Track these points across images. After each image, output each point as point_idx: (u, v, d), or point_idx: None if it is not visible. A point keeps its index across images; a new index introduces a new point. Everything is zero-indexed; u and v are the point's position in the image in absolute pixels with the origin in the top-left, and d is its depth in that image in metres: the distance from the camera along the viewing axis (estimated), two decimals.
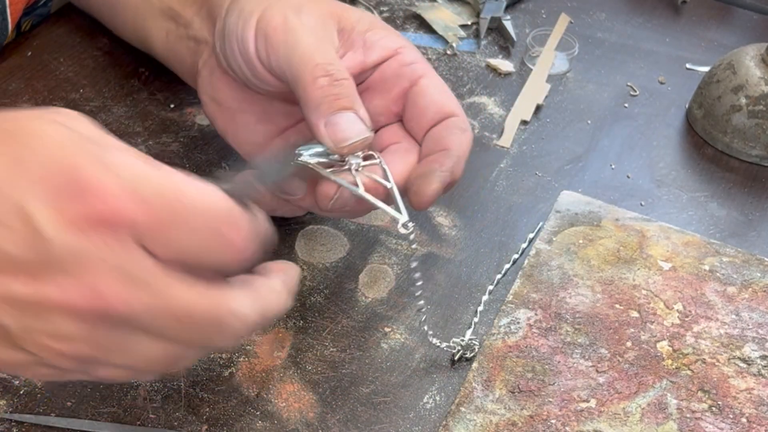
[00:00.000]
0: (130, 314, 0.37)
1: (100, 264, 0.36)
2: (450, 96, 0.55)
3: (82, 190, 0.36)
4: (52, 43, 0.74)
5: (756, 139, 0.69)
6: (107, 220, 0.36)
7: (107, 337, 0.38)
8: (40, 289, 0.37)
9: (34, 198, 0.36)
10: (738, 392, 0.54)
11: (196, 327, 0.39)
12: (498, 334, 0.56)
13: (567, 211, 0.64)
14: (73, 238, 0.36)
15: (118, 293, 0.37)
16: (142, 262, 0.37)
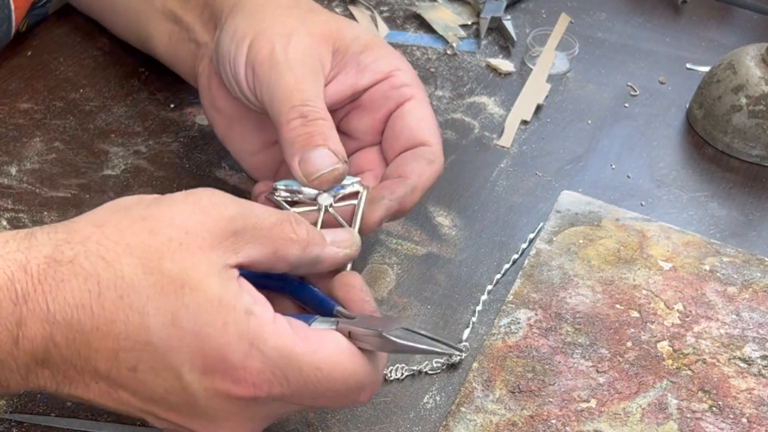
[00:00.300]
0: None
1: (235, 416, 0.42)
2: (429, 124, 0.54)
3: (231, 370, 0.41)
4: (52, 43, 0.74)
5: (756, 139, 0.69)
6: (250, 398, 0.42)
7: None
8: (184, 420, 0.43)
9: (188, 364, 0.41)
10: (738, 392, 0.54)
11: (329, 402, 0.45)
12: (498, 334, 0.56)
13: (567, 211, 0.64)
14: (218, 401, 0.42)
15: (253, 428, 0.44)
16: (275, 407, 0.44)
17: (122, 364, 0.41)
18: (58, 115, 0.68)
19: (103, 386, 0.42)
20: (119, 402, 0.42)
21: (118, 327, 0.40)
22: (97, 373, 0.41)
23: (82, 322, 0.40)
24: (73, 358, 0.41)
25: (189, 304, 0.40)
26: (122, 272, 0.40)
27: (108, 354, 0.41)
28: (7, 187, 0.62)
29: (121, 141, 0.67)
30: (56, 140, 0.66)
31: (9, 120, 0.67)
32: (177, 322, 0.40)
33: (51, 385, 0.42)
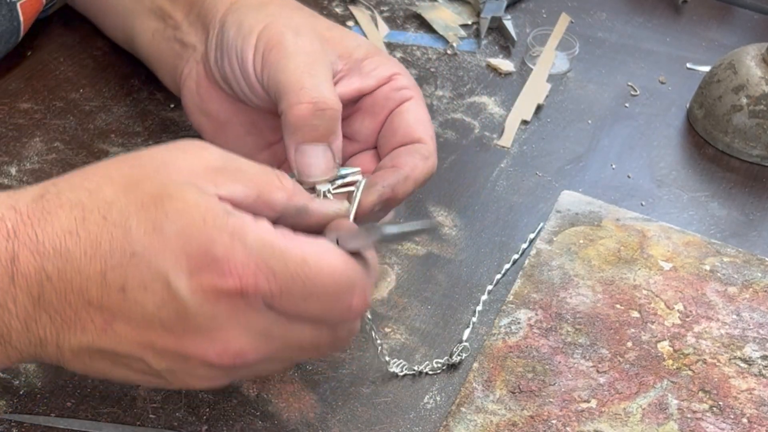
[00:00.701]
0: (259, 360, 0.43)
1: (230, 325, 0.42)
2: (426, 124, 0.55)
3: (215, 263, 0.41)
4: (52, 43, 0.74)
5: (757, 139, 0.69)
6: (237, 291, 0.41)
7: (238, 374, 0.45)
8: (178, 343, 0.42)
9: (173, 267, 0.41)
10: (739, 392, 0.54)
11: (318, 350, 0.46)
12: (498, 334, 0.56)
13: (567, 211, 0.64)
14: (207, 304, 0.41)
15: (249, 348, 0.43)
16: (269, 320, 0.43)
17: (112, 286, 0.41)
18: (58, 115, 0.68)
19: (98, 320, 0.42)
20: (116, 338, 0.42)
21: (103, 247, 0.41)
22: (91, 304, 0.42)
23: (70, 249, 0.41)
24: (66, 291, 0.42)
25: (169, 212, 0.41)
26: (104, 197, 0.42)
27: (98, 278, 0.41)
28: (7, 187, 0.62)
29: (121, 141, 0.67)
30: (56, 140, 0.66)
31: (9, 120, 0.67)
32: (158, 228, 0.41)
33: (51, 333, 0.43)
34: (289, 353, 0.45)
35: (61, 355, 0.43)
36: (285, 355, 0.45)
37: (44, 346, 0.43)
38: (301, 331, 0.44)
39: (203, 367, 0.43)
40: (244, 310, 0.42)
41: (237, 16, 0.55)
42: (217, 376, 0.44)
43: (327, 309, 0.43)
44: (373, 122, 0.56)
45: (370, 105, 0.56)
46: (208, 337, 0.42)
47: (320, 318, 0.44)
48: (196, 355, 0.42)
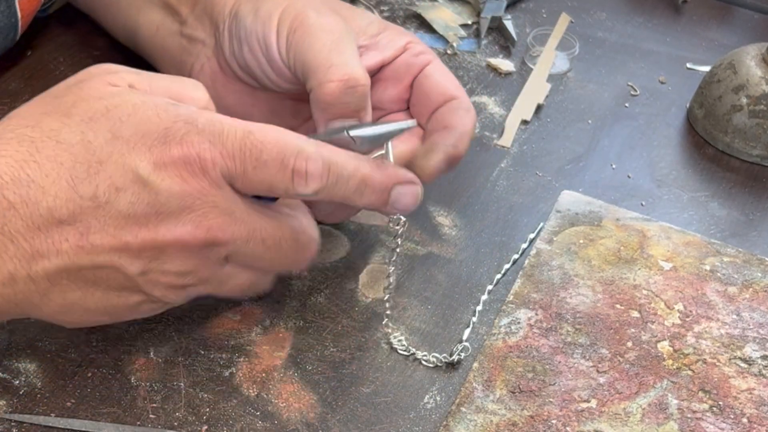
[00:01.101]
0: (228, 241, 0.45)
1: (199, 203, 0.44)
2: (453, 80, 0.57)
3: (173, 141, 0.43)
4: (51, 43, 0.74)
5: (757, 139, 0.69)
6: (197, 163, 0.43)
7: (209, 266, 0.46)
8: (153, 234, 0.44)
9: (140, 160, 0.43)
10: (739, 392, 0.54)
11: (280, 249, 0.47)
12: (498, 334, 0.56)
13: (567, 210, 0.64)
14: (174, 184, 0.43)
15: (218, 225, 0.44)
16: (231, 198, 0.45)
17: (83, 196, 0.43)
18: None
19: (73, 238, 0.43)
20: (92, 250, 0.43)
21: (66, 165, 0.43)
22: (62, 223, 0.42)
23: (30, 175, 0.42)
24: (33, 215, 0.42)
25: (121, 116, 0.43)
26: (49, 125, 0.44)
27: (66, 193, 0.42)
28: None
29: None
30: None
31: None
32: (117, 134, 0.43)
33: (21, 264, 0.43)
34: (254, 245, 0.46)
35: (35, 290, 0.44)
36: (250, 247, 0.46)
37: (15, 283, 0.43)
38: (263, 219, 0.46)
39: (177, 255, 0.45)
40: (209, 189, 0.44)
41: (251, 4, 0.55)
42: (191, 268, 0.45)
43: (273, 176, 0.45)
44: (396, 89, 0.57)
45: (391, 73, 0.57)
46: (180, 219, 0.44)
47: (270, 188, 0.45)
48: (170, 241, 0.44)
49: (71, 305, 0.45)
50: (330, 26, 0.53)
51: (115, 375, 0.52)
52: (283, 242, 0.47)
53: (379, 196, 0.48)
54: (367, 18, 0.57)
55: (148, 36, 0.64)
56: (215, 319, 0.55)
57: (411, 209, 0.50)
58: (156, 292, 0.46)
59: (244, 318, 0.56)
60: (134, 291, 0.46)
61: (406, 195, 0.49)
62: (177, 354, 0.53)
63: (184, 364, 0.53)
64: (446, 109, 0.55)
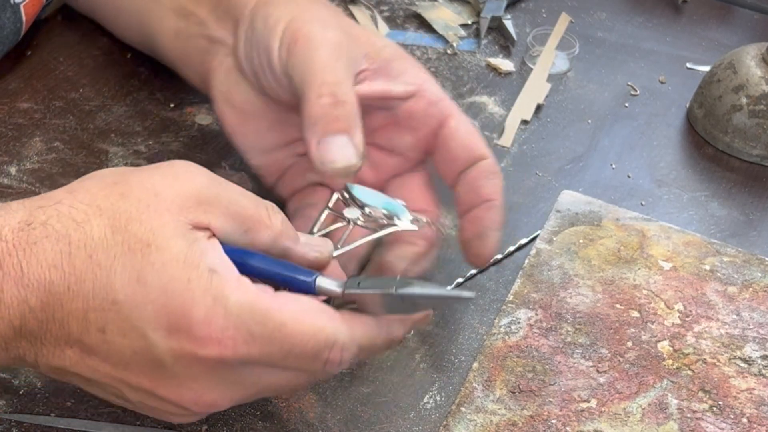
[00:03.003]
0: (233, 405, 0.44)
1: (205, 379, 0.42)
2: (478, 137, 0.56)
3: (195, 327, 0.41)
4: (52, 43, 0.74)
5: (757, 139, 0.69)
6: (212, 356, 0.41)
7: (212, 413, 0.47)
8: (153, 385, 0.43)
9: (153, 323, 0.41)
10: (739, 392, 0.54)
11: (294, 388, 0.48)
12: (498, 334, 0.56)
13: (567, 210, 0.64)
14: (182, 364, 0.42)
15: (222, 398, 0.43)
16: (243, 373, 0.43)
17: (92, 325, 0.42)
18: (57, 115, 0.68)
19: (76, 352, 0.42)
20: (93, 369, 0.43)
21: (87, 286, 0.41)
22: (71, 337, 0.42)
23: (54, 283, 0.41)
24: (48, 323, 0.42)
25: (154, 263, 0.41)
26: (92, 232, 0.42)
27: (79, 315, 0.42)
28: (6, 187, 0.62)
29: (120, 141, 0.67)
30: (56, 140, 0.66)
31: (9, 120, 0.67)
32: (142, 279, 0.41)
33: (30, 355, 0.43)
34: (266, 394, 0.46)
35: (38, 368, 0.44)
36: (261, 395, 0.46)
37: (23, 360, 0.44)
38: (277, 377, 0.44)
39: (177, 408, 0.44)
40: (220, 370, 0.42)
41: (266, 9, 0.55)
42: (189, 416, 0.45)
43: (304, 365, 0.43)
44: (413, 137, 0.56)
45: (407, 118, 0.56)
46: (183, 386, 0.43)
47: (297, 371, 0.44)
48: (169, 399, 0.43)
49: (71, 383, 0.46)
50: (332, 41, 0.53)
51: None
52: (299, 386, 0.46)
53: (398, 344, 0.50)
54: (383, 41, 0.56)
55: (167, 42, 0.64)
56: None
57: None
58: (155, 416, 0.46)
59: None
60: (133, 405, 0.46)
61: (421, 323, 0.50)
62: None
63: None
64: (478, 174, 0.54)
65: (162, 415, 0.45)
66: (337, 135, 0.50)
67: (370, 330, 0.45)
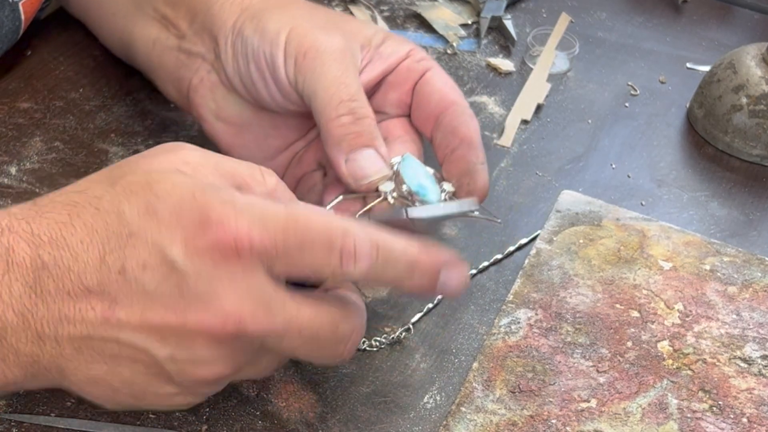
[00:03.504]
0: (260, 334, 0.42)
1: (229, 290, 0.41)
2: (453, 86, 0.56)
3: (208, 224, 0.41)
4: (52, 43, 0.74)
5: (757, 139, 0.69)
6: (231, 247, 0.41)
7: (240, 356, 0.44)
8: (180, 319, 0.42)
9: (169, 240, 0.41)
10: (739, 392, 0.54)
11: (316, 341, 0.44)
12: (498, 334, 0.56)
13: (567, 210, 0.64)
14: (204, 268, 0.41)
15: (250, 316, 0.42)
16: (266, 285, 0.42)
17: (111, 268, 0.42)
18: (58, 115, 0.68)
19: (99, 308, 0.42)
20: (119, 326, 0.42)
21: (100, 234, 0.42)
22: (90, 291, 0.42)
23: (66, 238, 0.42)
24: (63, 279, 0.42)
25: (158, 193, 0.42)
26: (94, 193, 0.43)
27: (96, 263, 0.42)
28: (7, 186, 0.62)
29: (121, 141, 0.67)
30: (56, 140, 0.66)
31: (9, 120, 0.67)
32: (151, 209, 0.42)
33: (49, 326, 0.42)
34: (289, 338, 0.44)
35: (61, 354, 0.43)
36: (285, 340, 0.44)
37: (42, 343, 0.43)
38: (301, 310, 0.43)
39: (206, 345, 0.42)
40: (242, 273, 0.42)
41: (257, 22, 0.55)
42: (219, 358, 0.43)
43: (320, 258, 0.43)
44: (397, 94, 0.57)
45: (392, 79, 0.57)
46: (209, 306, 0.42)
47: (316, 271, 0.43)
48: (198, 329, 0.42)
49: (98, 380, 0.44)
50: (337, 51, 0.53)
51: None
52: (321, 336, 0.44)
53: (428, 279, 0.46)
54: (371, 29, 0.57)
55: (144, 51, 0.63)
56: None
57: (460, 293, 0.47)
58: (187, 383, 0.44)
59: None
60: (166, 380, 0.44)
61: (454, 278, 0.46)
62: None
63: None
64: (451, 116, 0.55)
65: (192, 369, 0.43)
66: (363, 150, 0.51)
67: (384, 232, 0.45)
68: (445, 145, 0.54)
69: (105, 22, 0.69)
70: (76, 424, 0.50)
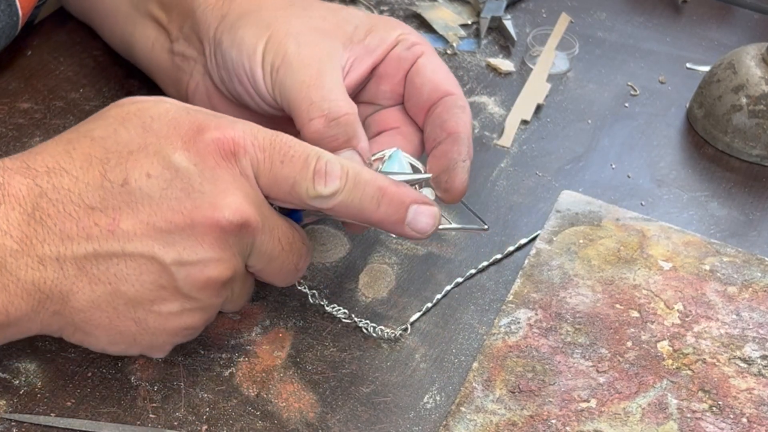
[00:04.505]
0: (257, 229, 0.46)
1: (232, 187, 0.44)
2: (447, 74, 0.56)
3: (207, 129, 0.45)
4: (52, 43, 0.74)
5: (756, 139, 0.69)
6: (230, 148, 0.44)
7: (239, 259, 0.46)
8: (187, 219, 0.43)
9: (171, 147, 0.44)
10: (738, 392, 0.54)
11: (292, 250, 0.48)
12: (498, 334, 0.56)
13: (567, 210, 0.64)
14: (207, 167, 0.44)
15: (250, 211, 0.45)
16: (257, 190, 0.46)
17: (114, 182, 0.43)
18: (58, 115, 0.68)
19: (104, 223, 0.43)
20: (125, 237, 0.43)
21: (98, 156, 0.44)
22: (93, 209, 0.43)
23: (64, 167, 0.43)
24: (64, 202, 0.43)
25: (152, 114, 0.45)
26: (86, 127, 0.45)
27: (98, 181, 0.43)
28: None
29: None
30: None
31: (9, 120, 0.67)
32: (147, 126, 0.44)
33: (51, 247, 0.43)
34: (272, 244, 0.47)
35: (64, 276, 0.43)
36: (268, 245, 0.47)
37: (44, 267, 0.43)
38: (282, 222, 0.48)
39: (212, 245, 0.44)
40: (240, 176, 0.45)
41: (233, 34, 0.54)
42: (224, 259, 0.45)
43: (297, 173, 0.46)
44: (390, 84, 0.56)
45: (383, 70, 0.56)
46: (215, 203, 0.44)
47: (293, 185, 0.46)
48: (205, 227, 0.44)
49: (101, 303, 0.44)
50: (309, 58, 0.52)
51: (115, 375, 0.52)
52: (294, 244, 0.48)
53: (395, 209, 0.48)
54: (352, 23, 0.56)
55: (144, 52, 0.64)
56: (215, 319, 0.55)
57: (430, 231, 0.49)
58: (193, 292, 0.45)
59: (244, 318, 0.56)
60: (172, 292, 0.45)
61: (424, 214, 0.48)
62: (177, 354, 0.53)
63: (184, 363, 0.53)
64: (443, 109, 0.54)
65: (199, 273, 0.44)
66: (341, 153, 0.51)
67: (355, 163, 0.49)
68: (432, 139, 0.54)
69: (105, 22, 0.69)
70: (76, 424, 0.50)
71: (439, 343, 0.56)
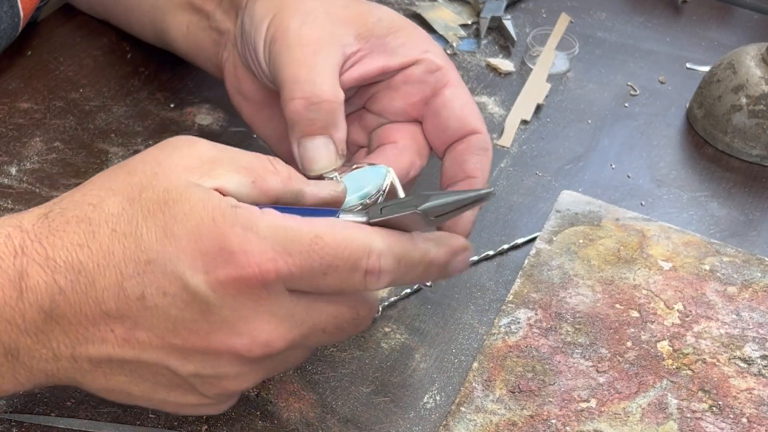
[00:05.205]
0: (288, 347, 0.43)
1: (255, 315, 0.41)
2: (473, 110, 0.54)
3: (230, 253, 0.40)
4: (52, 43, 0.74)
5: (756, 139, 0.69)
6: (257, 280, 0.41)
7: (268, 366, 0.44)
8: (205, 342, 0.42)
9: (190, 268, 0.40)
10: (738, 392, 0.54)
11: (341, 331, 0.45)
12: (498, 334, 0.56)
13: (567, 210, 0.64)
14: (228, 298, 0.41)
15: (277, 336, 0.42)
16: (292, 303, 0.42)
17: (130, 295, 0.41)
18: (58, 115, 0.68)
19: (119, 331, 0.41)
20: (140, 347, 0.42)
21: (117, 257, 0.41)
22: (109, 316, 0.41)
23: (82, 262, 0.41)
24: (81, 304, 0.41)
25: (176, 215, 0.41)
26: (110, 210, 0.42)
27: (115, 289, 0.41)
28: (7, 187, 0.62)
29: (121, 141, 0.67)
30: (56, 140, 0.66)
31: (9, 120, 0.67)
32: (169, 233, 0.41)
33: (65, 346, 0.42)
34: (314, 337, 0.44)
35: (77, 369, 0.43)
36: (310, 339, 0.44)
37: (58, 360, 0.42)
38: (323, 311, 0.44)
39: (232, 363, 0.42)
40: (266, 299, 0.41)
41: (254, 5, 0.54)
42: (246, 372, 0.43)
43: (345, 279, 0.42)
44: (404, 102, 0.54)
45: (400, 84, 0.54)
46: (235, 330, 0.41)
47: (340, 290, 0.43)
48: (224, 351, 0.42)
49: (116, 389, 0.44)
50: (308, 38, 0.51)
51: None
52: (345, 324, 0.45)
53: (441, 272, 0.47)
54: (376, 15, 0.54)
55: (180, 36, 0.64)
56: None
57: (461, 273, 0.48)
58: (211, 394, 0.44)
59: None
60: (189, 391, 0.44)
61: (461, 262, 0.47)
62: None
63: None
64: (465, 148, 0.53)
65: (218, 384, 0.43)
66: (315, 138, 0.50)
67: (403, 240, 0.44)
68: (450, 175, 0.53)
69: (134, 14, 0.69)
70: (76, 424, 0.50)
71: (439, 343, 0.56)
